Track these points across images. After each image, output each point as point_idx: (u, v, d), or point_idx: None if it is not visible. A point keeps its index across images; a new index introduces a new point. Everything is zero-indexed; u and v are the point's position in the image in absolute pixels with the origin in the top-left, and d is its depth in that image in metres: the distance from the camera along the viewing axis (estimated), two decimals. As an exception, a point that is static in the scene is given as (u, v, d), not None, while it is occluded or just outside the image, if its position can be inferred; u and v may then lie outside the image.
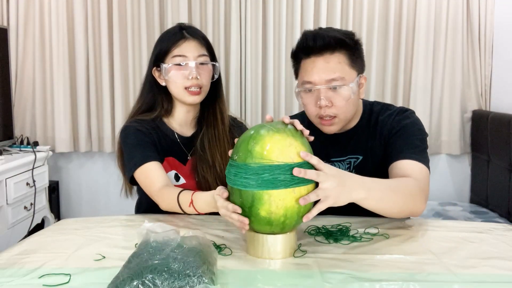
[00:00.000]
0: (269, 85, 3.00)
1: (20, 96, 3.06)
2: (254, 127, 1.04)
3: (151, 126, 1.48)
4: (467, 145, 3.04)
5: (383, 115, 1.42)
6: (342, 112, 1.33)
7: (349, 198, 1.04)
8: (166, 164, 1.48)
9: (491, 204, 2.72)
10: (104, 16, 2.98)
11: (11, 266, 1.00)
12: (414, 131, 1.36)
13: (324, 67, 1.30)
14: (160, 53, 1.46)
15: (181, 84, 1.43)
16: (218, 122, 1.53)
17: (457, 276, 0.95)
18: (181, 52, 1.43)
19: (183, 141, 1.53)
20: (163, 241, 0.91)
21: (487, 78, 2.97)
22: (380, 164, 1.38)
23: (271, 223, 1.00)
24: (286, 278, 0.95)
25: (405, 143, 1.33)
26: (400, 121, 1.38)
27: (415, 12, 2.94)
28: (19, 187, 2.53)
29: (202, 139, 1.51)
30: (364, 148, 1.42)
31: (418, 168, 1.27)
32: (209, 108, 1.54)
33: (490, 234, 1.21)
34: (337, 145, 1.44)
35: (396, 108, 1.43)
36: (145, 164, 1.38)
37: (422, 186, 1.24)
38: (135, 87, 3.03)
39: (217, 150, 1.50)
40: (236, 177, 1.01)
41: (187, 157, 1.52)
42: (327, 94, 1.30)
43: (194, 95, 1.44)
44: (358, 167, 1.41)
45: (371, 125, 1.42)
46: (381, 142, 1.39)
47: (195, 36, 1.45)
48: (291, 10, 2.97)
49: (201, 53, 1.45)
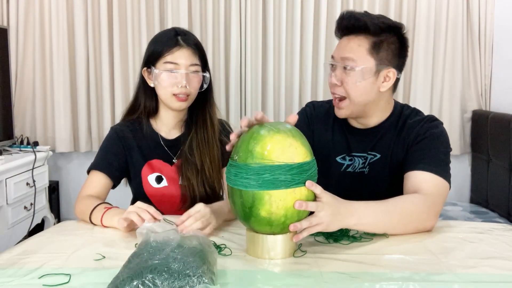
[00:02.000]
0: (269, 85, 3.00)
1: (20, 96, 3.06)
2: (255, 127, 1.04)
3: (134, 128, 1.53)
4: (467, 145, 3.04)
5: (412, 119, 1.38)
6: (350, 94, 1.32)
7: (340, 225, 1.09)
8: (147, 168, 1.50)
9: (491, 204, 2.72)
10: (104, 16, 2.98)
11: (11, 266, 1.00)
12: (440, 143, 1.33)
13: (344, 46, 1.32)
14: (153, 56, 1.45)
15: (170, 91, 1.43)
16: (207, 126, 1.52)
17: (457, 276, 0.95)
18: (173, 59, 1.42)
19: (168, 144, 1.53)
20: (163, 241, 0.91)
21: (487, 78, 2.97)
22: (397, 167, 1.36)
23: (271, 223, 1.00)
24: (286, 278, 0.95)
25: (427, 153, 1.30)
26: (428, 129, 1.34)
27: (415, 12, 2.94)
28: (19, 187, 2.52)
29: (191, 142, 1.50)
30: (385, 148, 1.39)
31: (433, 182, 1.24)
32: (198, 111, 1.54)
33: (490, 234, 1.21)
34: (360, 140, 1.42)
35: (426, 116, 1.40)
36: (94, 171, 1.47)
37: (431, 202, 1.21)
38: (135, 87, 3.03)
39: (207, 154, 1.49)
40: (237, 177, 1.01)
41: (173, 159, 1.53)
42: (339, 72, 1.32)
43: (181, 101, 1.44)
44: (373, 165, 1.39)
45: (398, 127, 1.39)
46: (404, 147, 1.36)
47: (189, 44, 1.44)
48: (291, 10, 2.97)
49: (193, 62, 1.44)
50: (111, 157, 1.49)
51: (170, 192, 1.50)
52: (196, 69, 1.45)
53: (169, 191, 1.50)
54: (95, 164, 1.49)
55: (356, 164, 1.41)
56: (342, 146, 1.43)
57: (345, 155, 1.42)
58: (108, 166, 1.47)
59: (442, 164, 1.28)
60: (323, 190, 1.05)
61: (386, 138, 1.39)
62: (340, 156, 1.43)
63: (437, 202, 1.23)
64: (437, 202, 1.23)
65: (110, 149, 1.51)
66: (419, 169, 1.27)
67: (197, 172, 1.48)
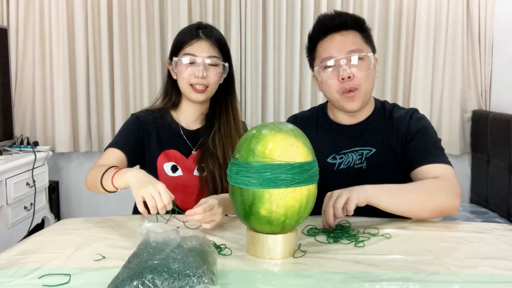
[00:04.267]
0: (269, 85, 3.00)
1: (20, 96, 3.06)
2: (256, 127, 1.05)
3: (156, 117, 1.54)
4: (467, 145, 3.04)
5: (398, 112, 1.46)
6: (362, 84, 1.37)
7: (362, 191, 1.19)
8: (163, 157, 1.52)
9: (491, 204, 2.72)
10: (104, 16, 2.98)
11: (11, 266, 1.00)
12: (433, 132, 1.43)
13: (342, 41, 1.37)
14: (175, 48, 1.51)
15: (187, 80, 1.48)
16: (230, 118, 1.56)
17: (457, 276, 0.95)
18: (191, 51, 1.47)
19: (187, 135, 1.56)
20: (163, 241, 0.91)
21: (487, 78, 2.97)
22: (395, 158, 1.42)
23: (271, 222, 1.01)
24: (286, 278, 0.95)
25: (428, 146, 1.38)
26: (418, 120, 1.43)
27: (415, 12, 2.94)
28: (19, 187, 2.53)
29: (214, 135, 1.53)
30: (378, 141, 1.44)
31: (443, 169, 1.33)
32: (221, 104, 1.57)
33: (490, 234, 1.21)
34: (348, 136, 1.46)
35: (409, 109, 1.48)
36: (113, 148, 1.46)
37: (449, 183, 1.29)
38: (135, 87, 3.03)
39: (230, 146, 1.52)
40: (238, 175, 1.01)
41: (191, 151, 1.54)
42: (349, 66, 1.35)
43: (198, 93, 1.48)
44: (370, 159, 1.43)
45: (386, 121, 1.46)
46: (398, 138, 1.43)
47: (208, 37, 1.49)
48: (291, 10, 2.97)
49: (211, 55, 1.48)
50: (130, 139, 1.50)
51: (184, 182, 1.52)
52: (215, 61, 1.49)
53: (183, 181, 1.52)
54: (113, 143, 1.48)
55: (350, 159, 1.44)
56: (330, 147, 1.46)
57: (335, 154, 1.46)
58: (125, 146, 1.47)
59: (442, 152, 1.39)
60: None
61: (377, 132, 1.45)
62: (329, 157, 1.46)
63: (455, 184, 1.31)
64: (455, 184, 1.31)
65: (130, 132, 1.51)
66: (427, 163, 1.34)
67: (219, 165, 1.51)
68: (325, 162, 1.45)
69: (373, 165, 1.43)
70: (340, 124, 1.48)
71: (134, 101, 3.04)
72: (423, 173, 1.34)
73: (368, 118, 1.47)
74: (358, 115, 1.46)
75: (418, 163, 1.36)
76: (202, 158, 1.53)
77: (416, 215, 1.28)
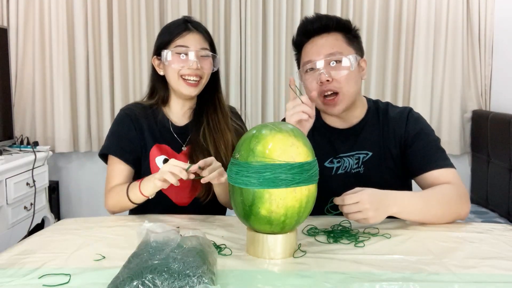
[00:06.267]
0: (269, 85, 3.00)
1: (20, 96, 3.06)
2: (257, 127, 1.05)
3: (147, 112, 1.54)
4: (467, 145, 3.04)
5: (392, 112, 1.45)
6: (343, 87, 1.35)
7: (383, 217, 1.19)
8: (156, 150, 1.51)
9: (491, 204, 2.72)
10: (104, 16, 2.98)
11: (11, 266, 1.00)
12: (432, 133, 1.42)
13: (322, 44, 1.37)
14: (163, 43, 1.49)
15: (178, 70, 1.45)
16: (218, 112, 1.56)
17: (457, 276, 0.95)
18: (184, 43, 1.45)
19: (177, 131, 1.55)
20: (163, 241, 0.91)
21: (487, 78, 2.97)
22: (393, 161, 1.41)
23: (271, 222, 1.01)
24: (286, 278, 0.95)
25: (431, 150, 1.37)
26: (416, 122, 1.41)
27: (415, 12, 2.94)
28: (19, 187, 2.53)
29: (204, 130, 1.53)
30: (375, 145, 1.42)
31: (452, 174, 1.34)
32: (207, 99, 1.57)
33: (490, 234, 1.21)
34: (345, 140, 1.45)
35: (404, 108, 1.47)
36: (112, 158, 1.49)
37: (460, 189, 1.30)
38: (135, 87, 3.04)
39: (221, 140, 1.52)
40: (238, 175, 1.01)
41: (182, 146, 1.54)
42: (327, 69, 1.34)
43: (191, 86, 1.46)
44: (367, 163, 1.42)
45: (381, 122, 1.44)
46: (395, 140, 1.41)
47: (199, 30, 1.49)
48: (291, 10, 2.97)
49: (203, 47, 1.48)
50: (124, 142, 1.49)
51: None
52: (207, 53, 1.49)
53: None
54: (109, 147, 1.49)
55: (347, 164, 1.43)
56: (327, 151, 1.45)
57: (332, 158, 1.45)
58: (124, 154, 1.48)
59: (444, 154, 1.38)
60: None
61: (373, 134, 1.43)
62: (327, 161, 1.45)
63: (464, 188, 1.32)
64: (464, 188, 1.32)
65: (123, 134, 1.50)
66: (434, 168, 1.34)
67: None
68: (322, 166, 1.43)
69: (371, 169, 1.41)
70: (335, 128, 1.47)
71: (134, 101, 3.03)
72: (432, 179, 1.33)
73: (362, 120, 1.45)
74: (350, 118, 1.44)
75: (424, 168, 1.35)
76: (193, 153, 1.52)
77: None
